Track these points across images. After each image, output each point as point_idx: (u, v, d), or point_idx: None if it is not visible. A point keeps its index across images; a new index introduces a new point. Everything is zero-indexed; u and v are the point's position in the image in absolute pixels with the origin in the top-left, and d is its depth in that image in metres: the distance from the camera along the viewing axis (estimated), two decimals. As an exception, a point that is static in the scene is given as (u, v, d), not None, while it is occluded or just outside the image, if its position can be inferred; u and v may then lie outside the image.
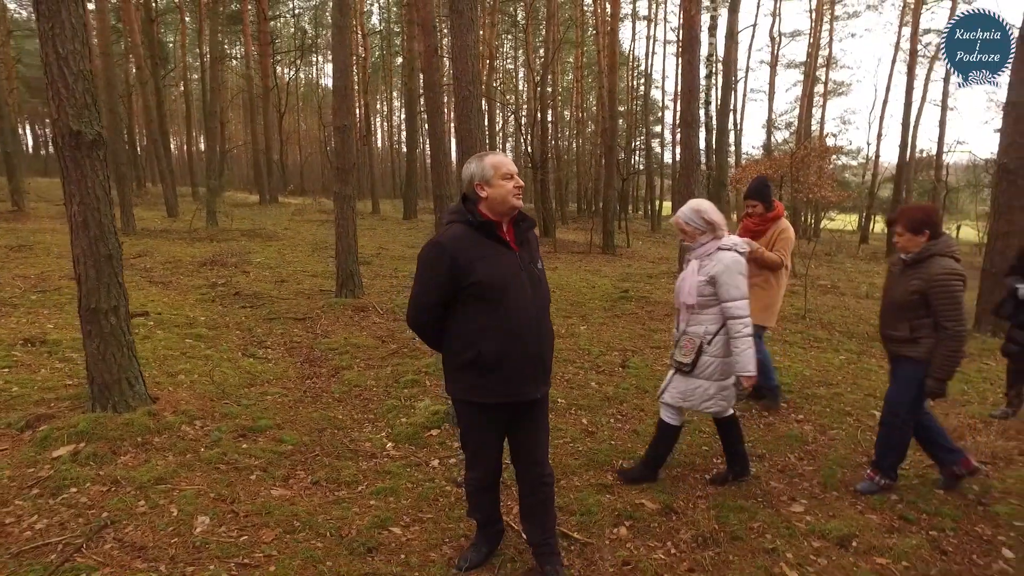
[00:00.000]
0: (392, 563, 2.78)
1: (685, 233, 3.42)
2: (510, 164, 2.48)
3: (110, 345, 3.83)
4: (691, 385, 3.41)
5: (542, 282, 2.54)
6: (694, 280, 3.35)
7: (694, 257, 3.43)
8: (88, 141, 3.58)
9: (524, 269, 2.45)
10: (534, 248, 2.57)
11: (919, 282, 3.28)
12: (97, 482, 3.27)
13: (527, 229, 2.53)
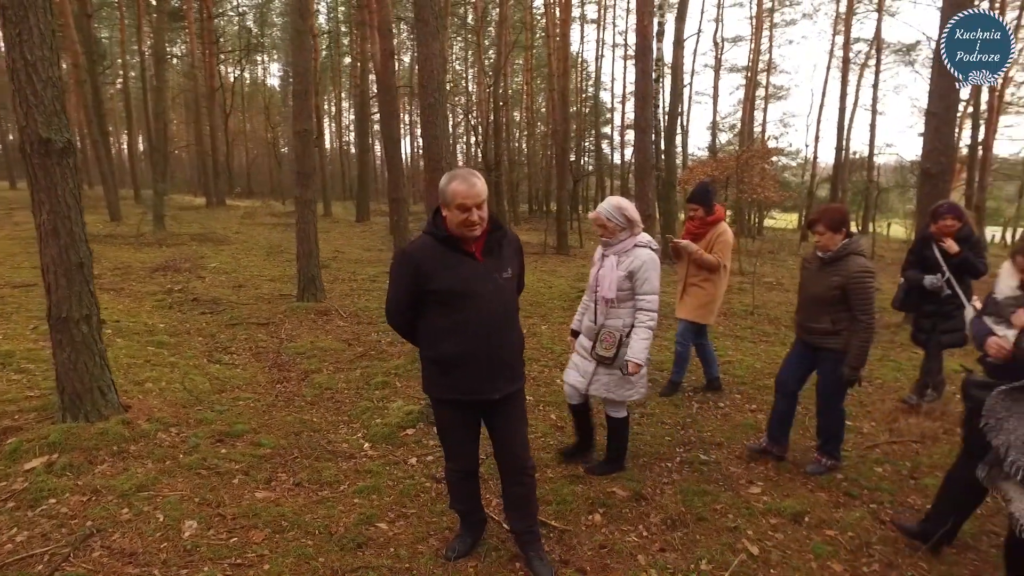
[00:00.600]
0: (383, 556, 2.90)
1: (606, 229, 3.51)
2: (470, 197, 2.45)
3: (82, 354, 3.80)
4: (613, 376, 3.56)
5: (506, 289, 2.63)
6: (615, 275, 3.48)
7: (612, 253, 3.54)
8: (58, 148, 3.55)
9: (487, 278, 2.58)
10: (507, 256, 2.67)
11: (840, 278, 3.61)
12: (76, 492, 3.26)
13: (497, 240, 2.63)
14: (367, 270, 11.48)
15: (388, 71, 10.68)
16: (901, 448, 4.38)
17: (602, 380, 3.58)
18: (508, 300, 2.66)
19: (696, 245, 5.01)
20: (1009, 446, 2.22)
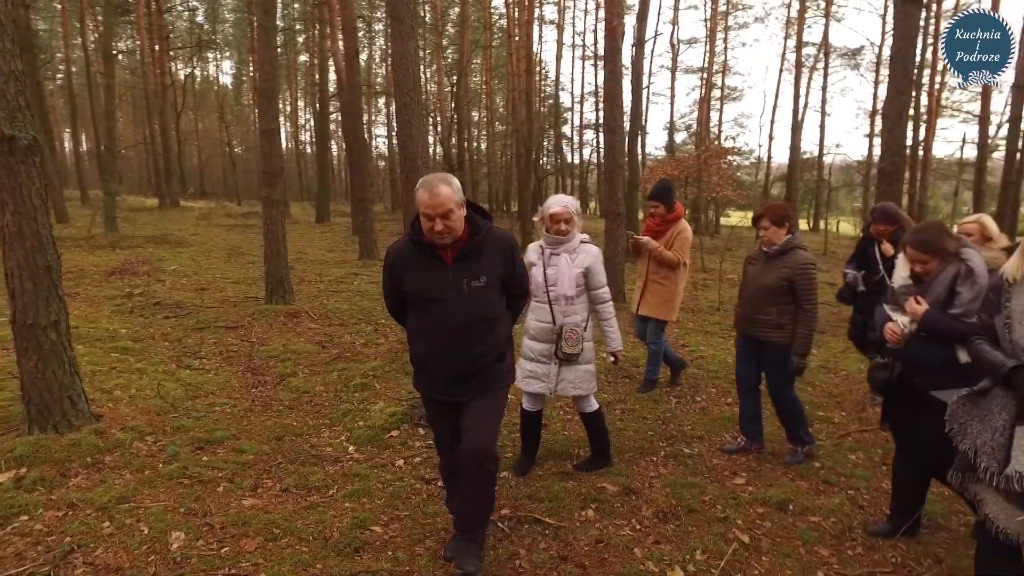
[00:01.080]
0: (381, 560, 2.86)
1: (567, 224, 3.52)
2: (431, 208, 2.45)
3: (50, 362, 3.62)
4: (579, 373, 3.60)
5: (475, 298, 2.58)
6: (571, 273, 3.51)
7: (563, 251, 3.55)
8: (23, 146, 3.38)
9: (453, 285, 2.57)
10: (486, 262, 2.61)
11: (787, 271, 3.78)
12: (50, 507, 3.11)
13: (477, 245, 2.59)
14: (333, 271, 11.28)
15: (353, 70, 10.52)
16: (871, 436, 4.56)
17: (568, 378, 3.60)
18: (477, 308, 2.60)
19: (656, 242, 5.10)
20: (977, 450, 2.25)
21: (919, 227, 3.03)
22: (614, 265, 8.27)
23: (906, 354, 2.94)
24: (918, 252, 2.86)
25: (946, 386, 2.76)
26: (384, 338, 6.72)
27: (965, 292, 2.77)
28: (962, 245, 2.87)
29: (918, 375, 2.89)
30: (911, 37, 7.84)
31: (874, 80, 26.05)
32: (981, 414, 2.26)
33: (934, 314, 2.81)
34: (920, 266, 2.89)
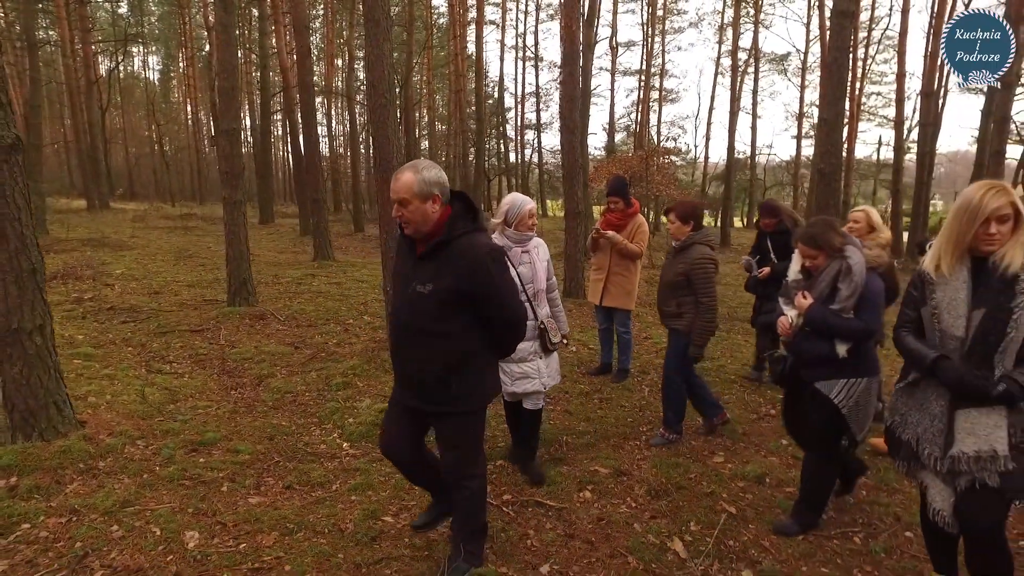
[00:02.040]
0: (399, 547, 2.97)
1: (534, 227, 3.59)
2: (393, 191, 2.37)
3: (35, 368, 3.52)
4: (553, 360, 3.68)
5: (418, 304, 2.40)
6: (542, 266, 3.61)
7: (531, 248, 3.59)
8: (6, 145, 3.28)
9: (407, 284, 2.45)
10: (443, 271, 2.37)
11: (684, 265, 4.09)
12: (51, 514, 3.05)
13: (440, 247, 2.39)
14: (289, 272, 11.09)
15: (306, 69, 10.37)
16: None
17: (552, 367, 3.67)
18: (417, 315, 2.41)
19: (619, 236, 5.38)
20: (919, 438, 2.34)
21: (810, 223, 3.15)
22: (575, 262, 8.52)
23: (793, 346, 3.10)
24: (807, 247, 3.00)
25: (828, 376, 2.96)
26: (356, 338, 6.73)
27: (844, 289, 2.90)
28: (847, 242, 2.97)
29: (803, 367, 3.06)
30: (845, 47, 8.45)
31: (800, 84, 27.57)
32: (918, 403, 2.36)
33: (816, 309, 2.95)
34: (810, 261, 3.02)
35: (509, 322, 2.52)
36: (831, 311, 2.91)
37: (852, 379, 2.95)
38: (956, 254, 2.21)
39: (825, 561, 2.98)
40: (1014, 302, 2.09)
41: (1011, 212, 2.13)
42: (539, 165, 32.99)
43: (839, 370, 2.95)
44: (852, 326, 2.90)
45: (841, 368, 2.94)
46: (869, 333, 2.92)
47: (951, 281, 2.23)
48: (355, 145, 20.84)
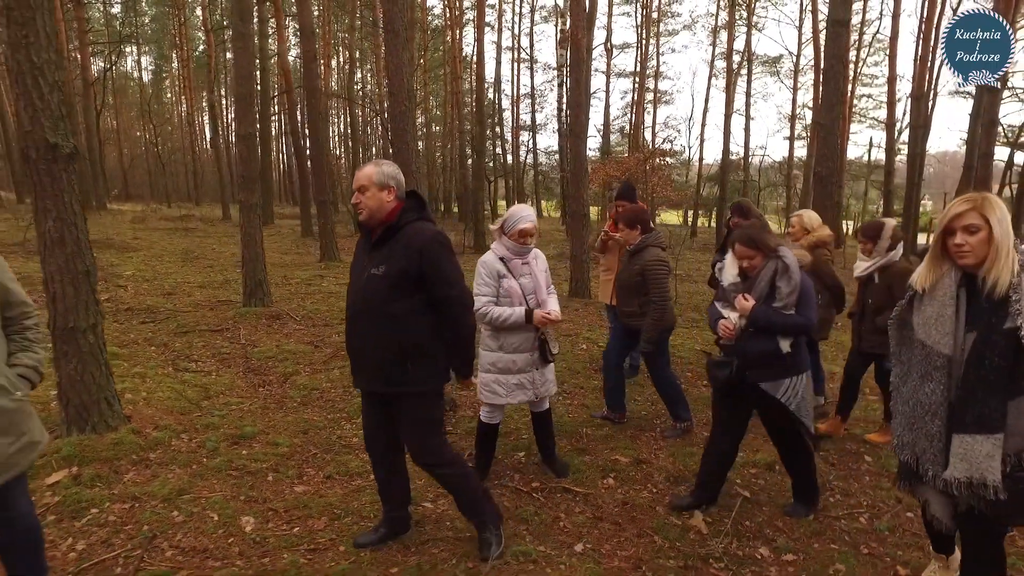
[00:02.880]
0: (443, 529, 3.19)
1: (532, 236, 3.55)
2: (355, 179, 2.70)
3: (88, 365, 3.72)
4: (551, 369, 3.70)
5: (369, 286, 2.62)
6: (543, 276, 3.64)
7: (530, 259, 3.61)
8: (65, 154, 3.48)
9: (362, 268, 2.69)
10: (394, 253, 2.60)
11: (639, 267, 4.37)
12: (115, 501, 3.25)
13: (391, 233, 2.65)
14: (297, 274, 11.27)
15: (312, 73, 10.56)
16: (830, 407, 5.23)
17: (549, 378, 3.69)
18: (371, 297, 2.62)
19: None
20: (918, 458, 2.28)
21: (745, 226, 3.30)
22: (580, 263, 8.77)
23: (738, 348, 3.16)
24: (745, 248, 3.10)
25: (773, 378, 3.11)
26: (372, 337, 6.93)
27: (784, 286, 3.04)
28: (780, 243, 3.16)
29: (749, 368, 3.13)
30: (841, 55, 8.77)
31: (793, 86, 27.99)
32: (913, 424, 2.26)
33: (760, 308, 3.05)
34: (747, 262, 3.12)
35: (458, 301, 2.68)
36: (774, 309, 3.04)
37: (794, 377, 3.11)
38: (930, 265, 2.17)
39: (834, 539, 3.23)
40: (1007, 324, 1.97)
41: (980, 223, 2.03)
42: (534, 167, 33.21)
43: (783, 370, 3.09)
44: (795, 321, 3.05)
45: (784, 367, 3.08)
46: (809, 326, 3.09)
47: (937, 296, 2.15)
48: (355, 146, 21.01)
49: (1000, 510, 2.09)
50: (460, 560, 2.91)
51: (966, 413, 2.07)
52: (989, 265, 2.02)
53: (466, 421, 4.67)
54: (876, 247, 4.23)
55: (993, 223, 2.01)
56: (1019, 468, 2.04)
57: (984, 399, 2.03)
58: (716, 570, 2.99)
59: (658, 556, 3.05)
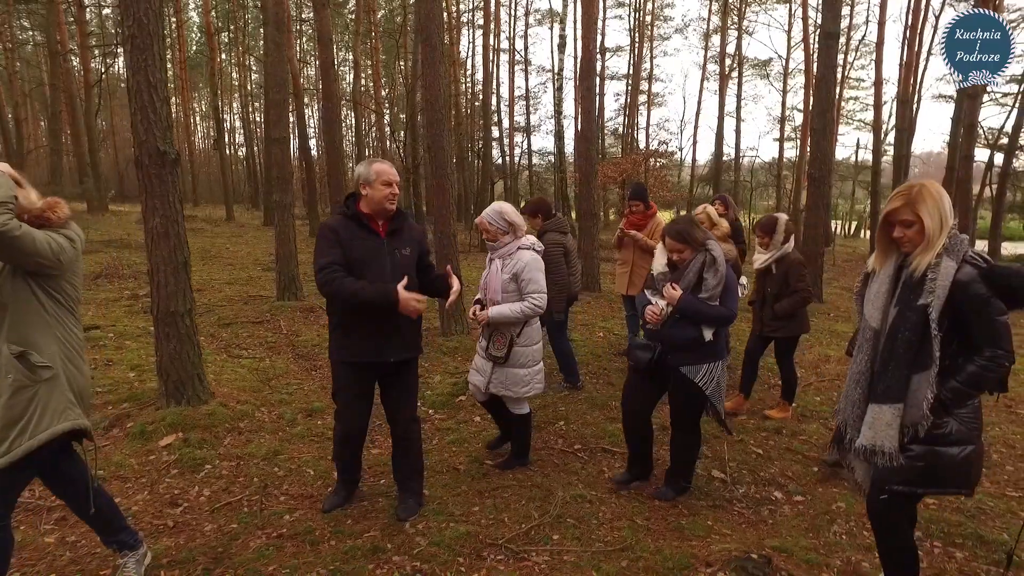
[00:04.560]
0: (506, 479, 3.74)
1: (488, 233, 3.64)
2: (392, 174, 3.01)
3: (185, 345, 4.23)
4: (508, 375, 3.63)
5: (403, 263, 3.05)
6: (499, 279, 3.59)
7: (497, 257, 3.66)
8: (171, 160, 3.98)
9: (387, 252, 3.00)
10: (407, 237, 3.10)
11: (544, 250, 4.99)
12: (223, 459, 3.77)
13: (401, 222, 3.09)
14: (315, 271, 11.72)
15: (329, 79, 11.04)
16: (827, 384, 5.84)
17: (498, 378, 3.66)
18: (407, 273, 3.02)
19: (641, 234, 6.21)
20: (846, 424, 2.41)
21: (674, 220, 3.45)
22: (590, 259, 9.34)
23: (662, 334, 3.32)
24: (675, 242, 3.25)
25: (693, 363, 3.28)
26: (403, 327, 7.46)
27: (710, 278, 3.18)
28: (707, 237, 3.28)
29: (671, 352, 3.31)
30: (832, 65, 9.42)
31: (782, 89, 28.77)
32: (846, 391, 2.40)
33: (688, 298, 3.21)
34: (676, 255, 3.27)
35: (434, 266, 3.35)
36: (700, 299, 3.20)
37: (712, 363, 3.30)
38: (880, 250, 2.33)
39: (837, 484, 3.82)
40: (920, 300, 2.13)
41: (912, 218, 2.16)
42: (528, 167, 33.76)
43: (703, 355, 3.26)
44: (719, 312, 3.23)
45: (704, 353, 3.26)
46: (732, 318, 3.28)
47: (880, 275, 2.32)
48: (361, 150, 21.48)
49: (891, 476, 2.24)
50: (528, 501, 3.46)
51: (879, 383, 2.26)
52: (919, 252, 2.17)
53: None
54: (772, 240, 4.64)
55: (924, 216, 2.13)
56: (915, 440, 2.20)
57: (893, 371, 2.20)
58: (740, 509, 3.57)
59: (690, 499, 3.62)
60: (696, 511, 3.51)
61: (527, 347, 3.64)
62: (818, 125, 9.52)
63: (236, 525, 3.10)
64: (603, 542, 3.08)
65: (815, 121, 9.57)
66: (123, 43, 3.83)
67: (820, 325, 8.41)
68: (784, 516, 3.53)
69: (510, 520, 3.24)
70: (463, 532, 3.07)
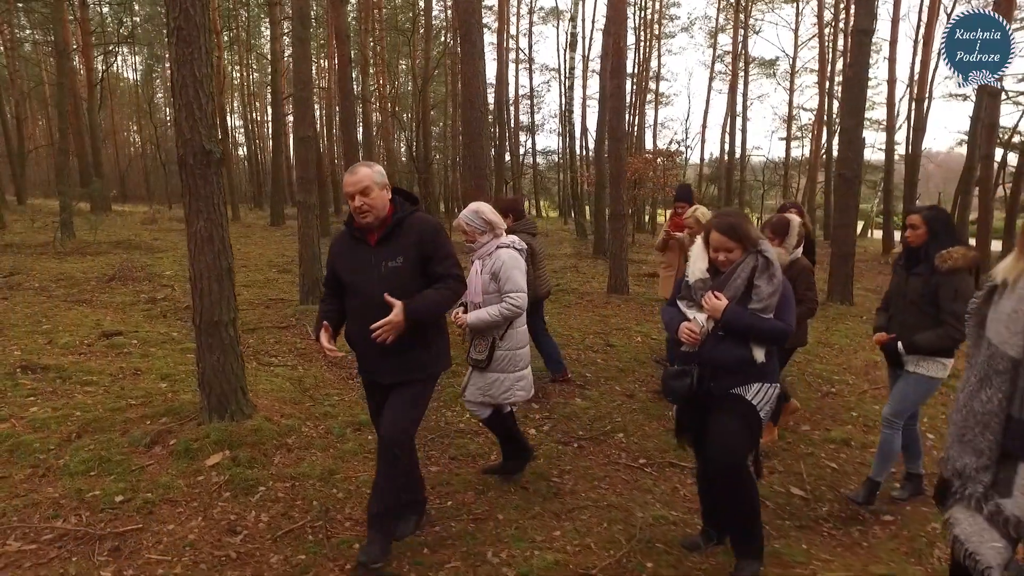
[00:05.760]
0: (580, 500, 3.52)
1: (466, 234, 3.49)
2: (351, 183, 2.67)
3: (228, 356, 3.98)
4: (489, 380, 3.43)
5: (391, 278, 2.69)
6: (479, 280, 3.45)
7: (476, 257, 3.51)
8: (216, 159, 3.75)
9: (374, 264, 2.72)
10: (402, 244, 2.72)
11: None
12: (277, 480, 3.53)
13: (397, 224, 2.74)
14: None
15: (346, 76, 10.79)
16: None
17: (476, 383, 3.48)
18: (392, 290, 2.65)
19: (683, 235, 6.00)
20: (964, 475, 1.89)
21: (724, 212, 2.83)
22: (620, 260, 9.13)
23: (702, 355, 2.67)
24: (724, 238, 2.63)
25: (744, 383, 2.64)
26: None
27: (764, 286, 2.59)
28: (760, 236, 2.71)
29: (715, 378, 2.65)
30: (865, 63, 9.22)
31: (789, 88, 28.62)
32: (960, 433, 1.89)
33: (735, 309, 2.58)
34: (724, 254, 2.66)
35: (452, 277, 2.78)
36: (751, 311, 2.60)
37: (767, 384, 2.69)
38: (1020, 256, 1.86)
39: (924, 503, 3.61)
40: None
41: None
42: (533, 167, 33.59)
43: (755, 376, 2.66)
44: (774, 327, 2.60)
45: (756, 374, 2.66)
46: (789, 333, 2.65)
47: (1017, 290, 1.83)
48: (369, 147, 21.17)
49: None
50: (609, 524, 3.23)
51: None
52: None
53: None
54: (784, 244, 4.15)
55: None
56: None
57: None
58: (829, 530, 3.37)
59: (775, 518, 3.40)
60: (784, 532, 3.30)
61: (511, 351, 3.43)
62: (849, 124, 9.33)
63: (304, 556, 2.86)
64: (700, 570, 2.86)
65: (846, 120, 9.38)
66: (168, 35, 3.58)
67: (855, 328, 8.22)
68: (878, 538, 3.33)
69: (597, 546, 3.02)
70: (551, 561, 2.84)
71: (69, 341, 6.10)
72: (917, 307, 3.36)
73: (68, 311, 7.48)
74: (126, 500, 3.22)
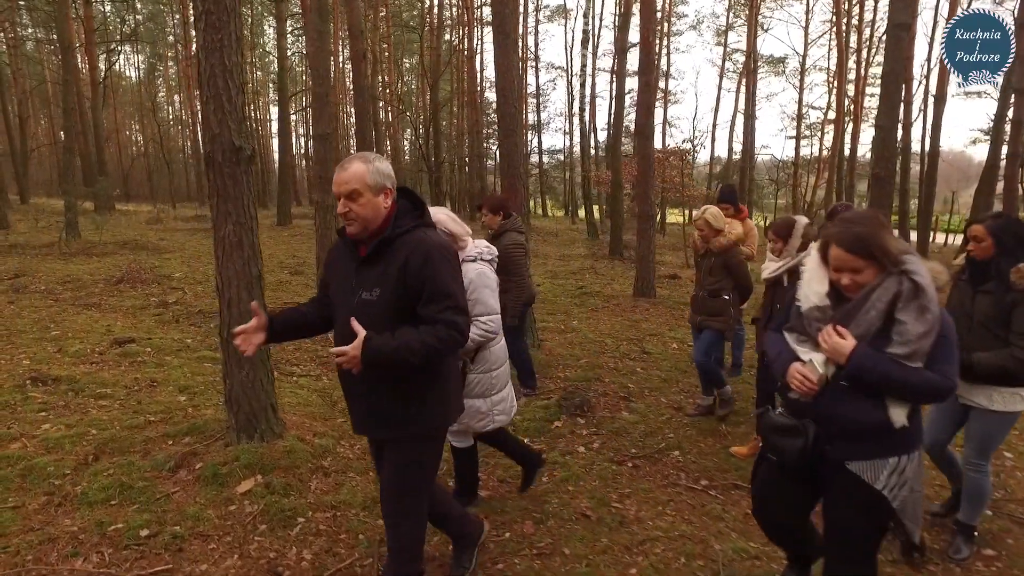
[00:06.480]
0: (648, 528, 3.20)
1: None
2: (338, 183, 2.10)
3: (258, 371, 3.67)
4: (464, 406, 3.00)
5: (361, 312, 2.07)
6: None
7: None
8: (247, 156, 3.43)
9: (353, 289, 2.14)
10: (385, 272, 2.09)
11: (500, 249, 4.56)
12: (315, 510, 3.22)
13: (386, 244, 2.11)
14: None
15: (360, 73, 10.47)
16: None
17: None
18: (364, 327, 2.01)
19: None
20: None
21: (849, 218, 2.03)
22: (647, 263, 8.81)
23: (820, 409, 2.03)
24: (849, 255, 1.94)
25: (870, 456, 1.98)
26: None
27: (911, 322, 1.89)
28: (904, 250, 1.96)
29: (832, 440, 2.02)
30: (901, 58, 8.81)
31: (799, 86, 28.27)
32: None
33: (867, 353, 1.92)
34: (849, 276, 1.96)
35: (452, 323, 2.07)
36: (890, 356, 1.91)
37: (904, 456, 1.97)
38: None
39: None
40: None
41: None
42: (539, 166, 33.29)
43: (887, 447, 1.97)
44: (927, 383, 1.89)
45: (889, 444, 1.97)
46: (949, 391, 1.93)
47: None
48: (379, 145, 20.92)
49: None
50: (687, 559, 2.92)
51: None
52: None
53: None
54: (787, 246, 3.77)
55: None
56: None
57: None
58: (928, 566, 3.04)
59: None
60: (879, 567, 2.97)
61: (485, 373, 3.05)
62: (884, 122, 8.89)
63: (358, 602, 2.55)
64: (799, 618, 2.54)
65: (882, 118, 8.94)
66: (195, 20, 3.26)
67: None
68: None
69: (681, 589, 2.70)
70: (635, 609, 2.52)
71: (80, 349, 5.79)
72: (986, 329, 2.90)
73: (77, 316, 7.17)
74: (152, 535, 2.91)
